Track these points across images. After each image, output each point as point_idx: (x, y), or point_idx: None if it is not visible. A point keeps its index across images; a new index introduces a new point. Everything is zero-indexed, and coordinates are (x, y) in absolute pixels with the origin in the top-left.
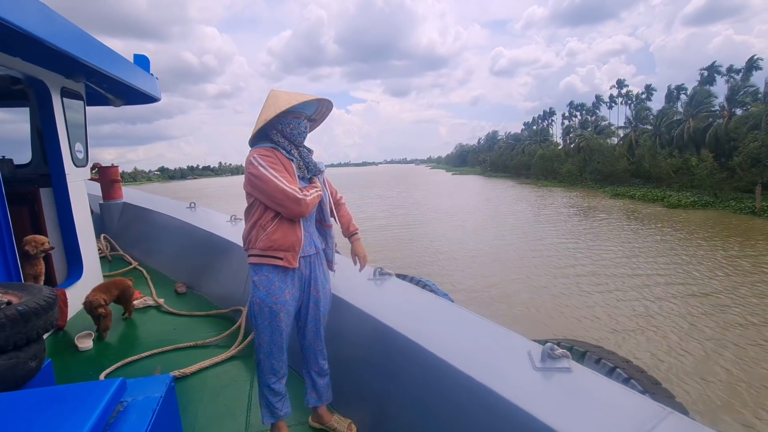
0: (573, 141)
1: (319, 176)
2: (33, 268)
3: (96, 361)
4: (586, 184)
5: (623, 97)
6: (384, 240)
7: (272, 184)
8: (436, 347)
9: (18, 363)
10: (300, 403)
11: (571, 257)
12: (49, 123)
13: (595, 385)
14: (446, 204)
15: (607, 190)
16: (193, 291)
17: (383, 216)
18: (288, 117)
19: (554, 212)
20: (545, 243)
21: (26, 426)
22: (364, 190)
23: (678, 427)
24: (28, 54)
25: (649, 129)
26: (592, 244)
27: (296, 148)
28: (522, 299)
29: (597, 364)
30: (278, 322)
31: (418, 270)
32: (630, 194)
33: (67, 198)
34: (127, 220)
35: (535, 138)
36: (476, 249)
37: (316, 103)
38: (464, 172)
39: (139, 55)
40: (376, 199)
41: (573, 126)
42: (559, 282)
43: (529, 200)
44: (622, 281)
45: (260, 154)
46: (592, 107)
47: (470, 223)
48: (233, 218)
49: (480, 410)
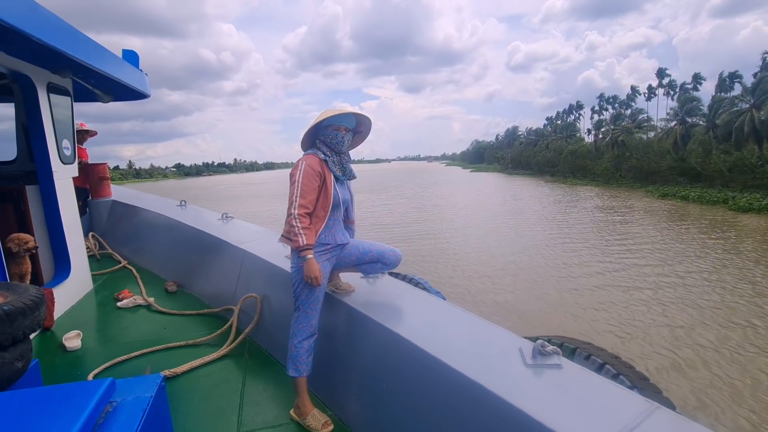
0: (606, 135)
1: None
2: (19, 267)
3: (84, 361)
4: (624, 182)
5: (665, 88)
6: (418, 260)
7: (293, 189)
8: (428, 344)
9: (4, 364)
10: (285, 404)
11: (696, 304)
12: (35, 119)
13: (585, 381)
14: (479, 207)
15: (651, 189)
16: (184, 290)
17: (403, 222)
18: (329, 129)
19: (608, 217)
20: (642, 272)
21: (13, 427)
22: (380, 193)
23: (665, 421)
24: (12, 48)
25: (699, 122)
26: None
27: (337, 155)
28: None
29: (587, 361)
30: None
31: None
32: (682, 195)
33: (54, 196)
34: (116, 218)
35: (561, 133)
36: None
37: (353, 117)
38: (482, 169)
39: (128, 51)
40: (398, 198)
41: (604, 120)
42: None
43: (566, 201)
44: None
45: (309, 163)
46: (627, 99)
47: (528, 238)
48: (224, 216)
49: (471, 407)
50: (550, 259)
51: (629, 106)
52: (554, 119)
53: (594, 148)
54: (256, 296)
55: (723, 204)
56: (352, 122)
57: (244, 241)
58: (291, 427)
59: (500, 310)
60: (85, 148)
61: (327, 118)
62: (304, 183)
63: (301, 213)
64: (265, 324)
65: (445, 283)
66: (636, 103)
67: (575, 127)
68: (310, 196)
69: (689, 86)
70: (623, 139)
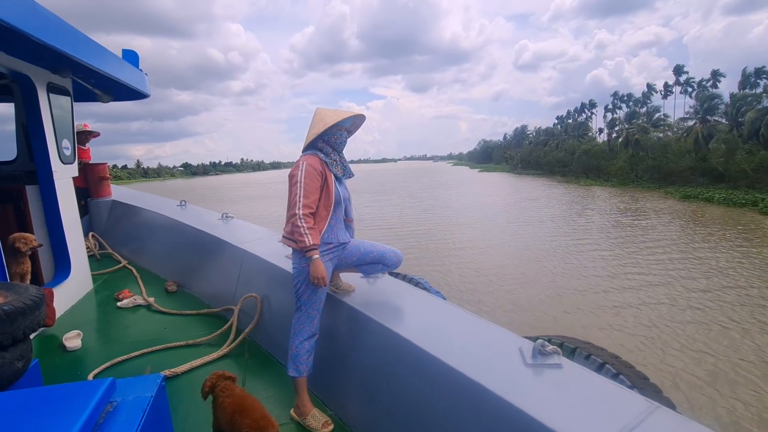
0: (621, 134)
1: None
2: (19, 266)
3: (84, 361)
4: (640, 183)
5: (682, 85)
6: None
7: (295, 189)
8: (428, 344)
9: (4, 363)
10: (285, 404)
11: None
12: (35, 119)
13: (585, 381)
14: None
15: (671, 190)
16: (184, 290)
17: (414, 230)
18: (333, 130)
19: (638, 224)
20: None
21: (13, 427)
22: (389, 194)
23: (665, 421)
24: (12, 48)
25: (720, 120)
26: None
27: (338, 154)
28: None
29: (587, 360)
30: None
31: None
32: (705, 196)
33: (54, 195)
34: (116, 218)
35: (573, 133)
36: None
37: (352, 117)
38: (490, 169)
39: (128, 50)
40: (408, 199)
41: (618, 118)
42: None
43: (581, 202)
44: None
45: (310, 163)
46: (643, 97)
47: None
48: (224, 216)
49: (472, 406)
50: (607, 284)
51: (644, 104)
52: (565, 118)
53: (607, 147)
54: (256, 296)
55: (752, 207)
56: (350, 121)
57: (244, 241)
58: (291, 427)
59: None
60: (88, 149)
61: (343, 120)
62: (307, 183)
63: (305, 213)
64: (265, 324)
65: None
66: (651, 101)
67: (587, 127)
68: (314, 196)
69: (708, 83)
70: (639, 138)
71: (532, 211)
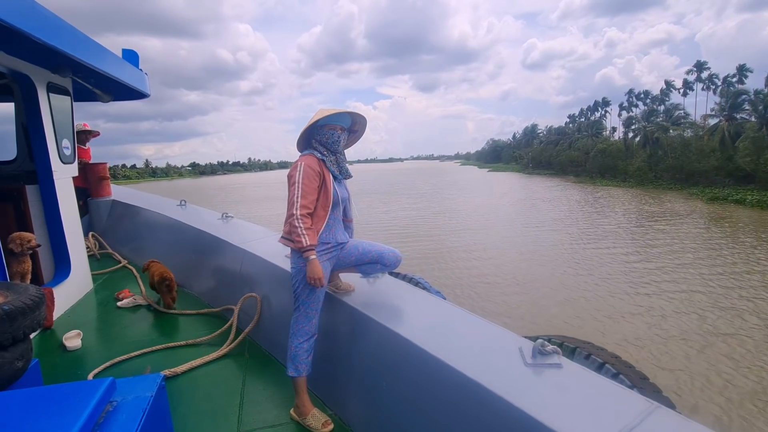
0: (638, 133)
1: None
2: (19, 266)
3: (84, 360)
4: (660, 183)
5: (704, 82)
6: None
7: (293, 189)
8: (428, 344)
9: (4, 363)
10: (285, 404)
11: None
12: (34, 119)
13: (585, 381)
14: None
15: (695, 191)
16: (184, 289)
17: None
18: (324, 129)
19: (661, 227)
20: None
21: (13, 427)
22: (399, 195)
23: (664, 420)
24: (12, 48)
25: (748, 118)
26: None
27: (333, 155)
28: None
29: (587, 360)
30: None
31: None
32: (736, 198)
33: (54, 195)
34: (116, 217)
35: (586, 131)
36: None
37: (349, 116)
38: (500, 168)
39: (128, 50)
40: (418, 199)
41: (635, 117)
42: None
43: (604, 204)
44: None
45: (308, 163)
46: (661, 94)
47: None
48: (224, 216)
49: (471, 406)
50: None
51: (662, 101)
52: (577, 117)
53: (624, 146)
54: (256, 296)
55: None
56: (347, 121)
57: (244, 241)
58: (291, 427)
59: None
60: (88, 149)
61: (323, 118)
62: (305, 183)
63: (303, 213)
64: (265, 324)
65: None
66: (669, 98)
67: (602, 125)
68: (311, 196)
69: (734, 79)
70: (658, 136)
71: (599, 226)
